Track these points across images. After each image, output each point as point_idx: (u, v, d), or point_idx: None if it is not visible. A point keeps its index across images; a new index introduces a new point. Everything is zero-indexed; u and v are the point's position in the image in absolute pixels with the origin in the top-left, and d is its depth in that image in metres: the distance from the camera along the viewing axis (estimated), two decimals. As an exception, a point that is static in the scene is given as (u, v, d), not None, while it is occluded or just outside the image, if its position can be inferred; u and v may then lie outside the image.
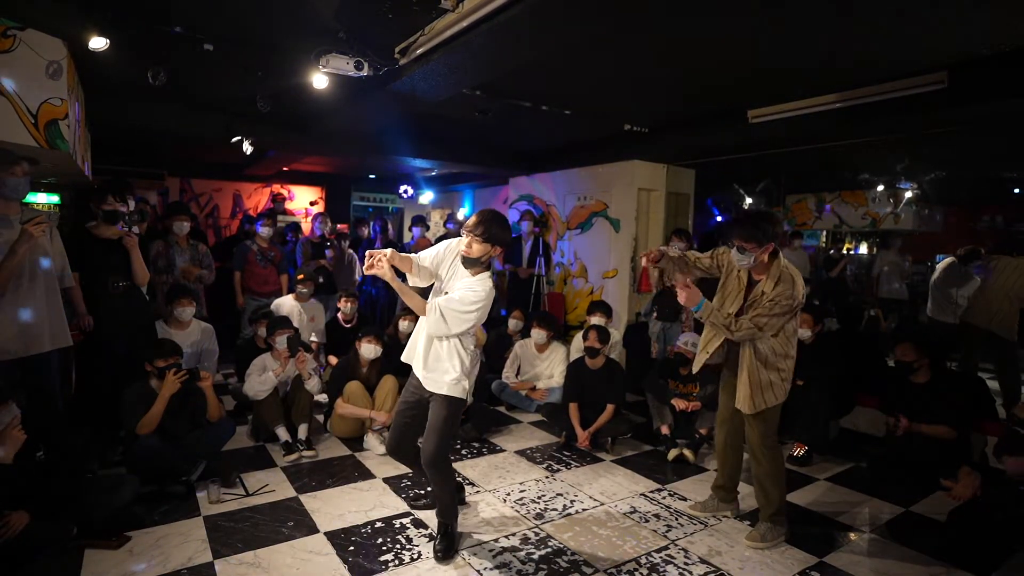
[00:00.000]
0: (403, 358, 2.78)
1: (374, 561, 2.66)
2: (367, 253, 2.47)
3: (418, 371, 2.67)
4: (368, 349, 4.10)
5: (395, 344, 4.46)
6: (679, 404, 4.16)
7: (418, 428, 2.76)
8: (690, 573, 2.68)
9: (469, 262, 2.58)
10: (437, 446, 2.63)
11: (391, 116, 5.22)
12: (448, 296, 2.56)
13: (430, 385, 2.63)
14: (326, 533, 2.89)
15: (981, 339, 5.17)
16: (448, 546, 2.73)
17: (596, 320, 4.95)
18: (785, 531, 2.98)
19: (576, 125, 5.71)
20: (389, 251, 2.47)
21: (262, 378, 3.96)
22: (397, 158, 7.04)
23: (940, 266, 5.91)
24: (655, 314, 5.33)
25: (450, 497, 2.80)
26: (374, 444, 4.00)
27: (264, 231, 5.60)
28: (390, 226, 8.30)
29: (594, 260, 6.87)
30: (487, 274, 2.63)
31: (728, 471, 3.24)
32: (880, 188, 8.36)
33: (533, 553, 2.79)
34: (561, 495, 3.46)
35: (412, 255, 2.67)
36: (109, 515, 2.77)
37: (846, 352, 4.52)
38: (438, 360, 2.63)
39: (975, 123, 4.52)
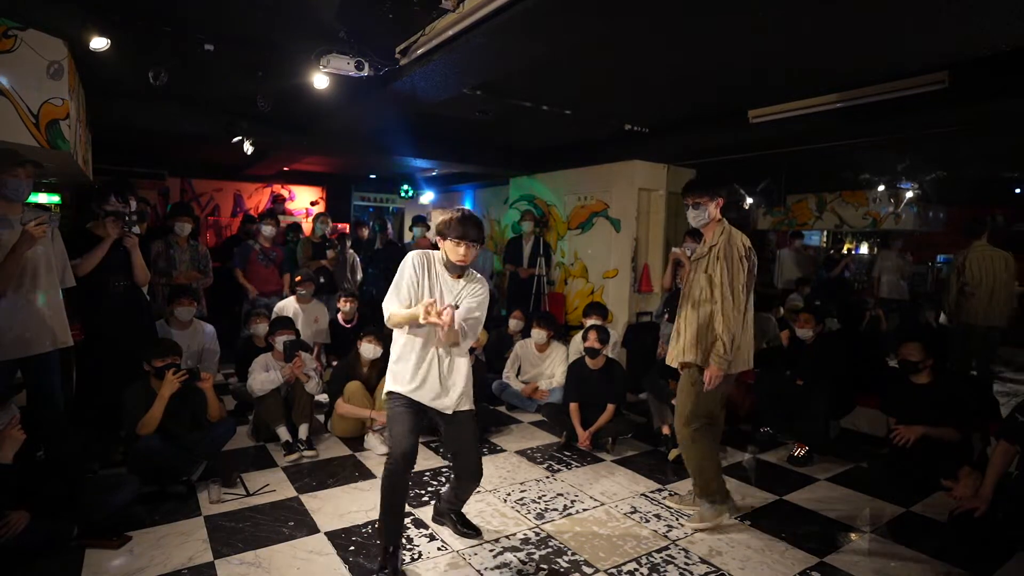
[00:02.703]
0: (413, 395, 2.52)
1: (375, 561, 2.65)
2: (430, 308, 2.25)
3: (451, 398, 2.52)
4: (368, 349, 4.10)
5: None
6: (679, 404, 4.15)
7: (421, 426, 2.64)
8: (690, 573, 2.68)
9: (459, 268, 2.51)
10: (480, 457, 2.73)
11: (391, 116, 5.22)
12: (463, 309, 2.46)
13: (464, 404, 2.56)
14: (327, 533, 2.89)
15: (979, 338, 5.16)
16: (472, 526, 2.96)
17: (593, 322, 4.95)
18: (727, 507, 3.06)
19: (576, 125, 5.71)
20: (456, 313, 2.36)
21: (269, 376, 3.97)
22: (397, 158, 7.04)
23: None
24: (666, 315, 5.31)
25: None
26: (375, 444, 4.00)
27: (267, 230, 5.62)
28: (389, 226, 8.30)
29: (594, 260, 6.87)
30: (473, 272, 2.59)
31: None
32: (881, 188, 8.35)
33: (534, 553, 2.79)
34: (562, 495, 3.46)
35: (402, 303, 2.49)
36: (110, 515, 2.77)
37: (847, 352, 4.52)
38: (463, 377, 2.56)
39: (975, 123, 4.51)
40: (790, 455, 4.05)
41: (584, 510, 3.27)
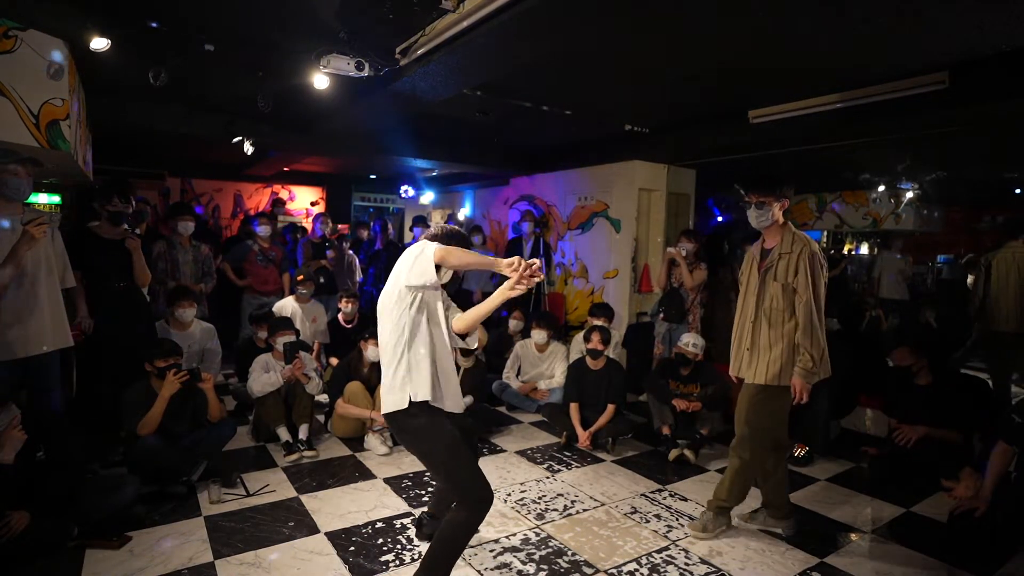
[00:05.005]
0: (456, 409, 2.33)
1: (375, 561, 2.66)
2: (529, 262, 1.99)
3: (462, 399, 2.43)
4: (374, 352, 4.09)
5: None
6: (680, 404, 4.15)
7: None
8: (691, 573, 2.68)
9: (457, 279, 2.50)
10: None
11: (392, 116, 5.22)
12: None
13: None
14: (327, 533, 2.90)
15: (1009, 344, 4.90)
16: None
17: (598, 322, 4.94)
18: (726, 521, 3.02)
19: (576, 125, 5.71)
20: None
21: (270, 378, 3.97)
22: (398, 158, 7.04)
23: None
24: (661, 315, 5.32)
25: None
26: (375, 444, 4.00)
27: (262, 230, 5.62)
28: (390, 226, 8.30)
29: (595, 260, 6.87)
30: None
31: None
32: (881, 188, 8.34)
33: (534, 553, 2.79)
34: (562, 495, 3.46)
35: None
36: (110, 515, 2.78)
37: (847, 352, 4.51)
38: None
39: (975, 123, 4.51)
40: (790, 455, 4.05)
41: (584, 510, 3.27)
